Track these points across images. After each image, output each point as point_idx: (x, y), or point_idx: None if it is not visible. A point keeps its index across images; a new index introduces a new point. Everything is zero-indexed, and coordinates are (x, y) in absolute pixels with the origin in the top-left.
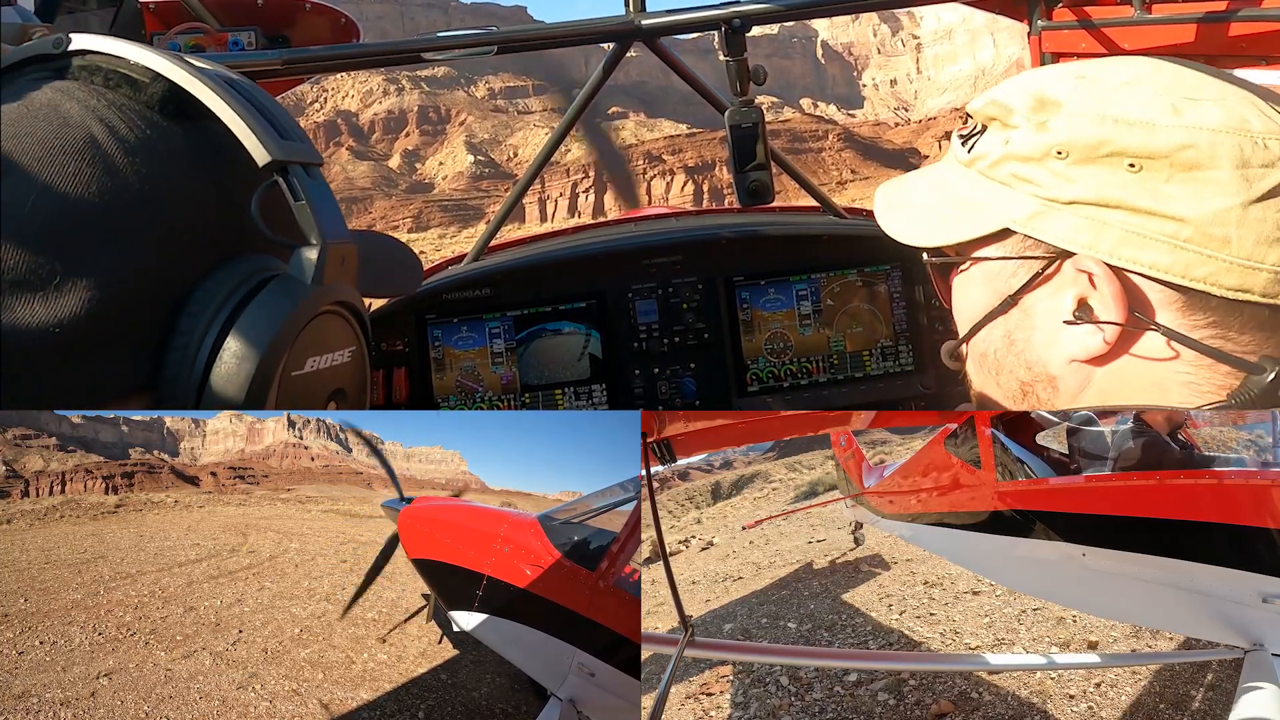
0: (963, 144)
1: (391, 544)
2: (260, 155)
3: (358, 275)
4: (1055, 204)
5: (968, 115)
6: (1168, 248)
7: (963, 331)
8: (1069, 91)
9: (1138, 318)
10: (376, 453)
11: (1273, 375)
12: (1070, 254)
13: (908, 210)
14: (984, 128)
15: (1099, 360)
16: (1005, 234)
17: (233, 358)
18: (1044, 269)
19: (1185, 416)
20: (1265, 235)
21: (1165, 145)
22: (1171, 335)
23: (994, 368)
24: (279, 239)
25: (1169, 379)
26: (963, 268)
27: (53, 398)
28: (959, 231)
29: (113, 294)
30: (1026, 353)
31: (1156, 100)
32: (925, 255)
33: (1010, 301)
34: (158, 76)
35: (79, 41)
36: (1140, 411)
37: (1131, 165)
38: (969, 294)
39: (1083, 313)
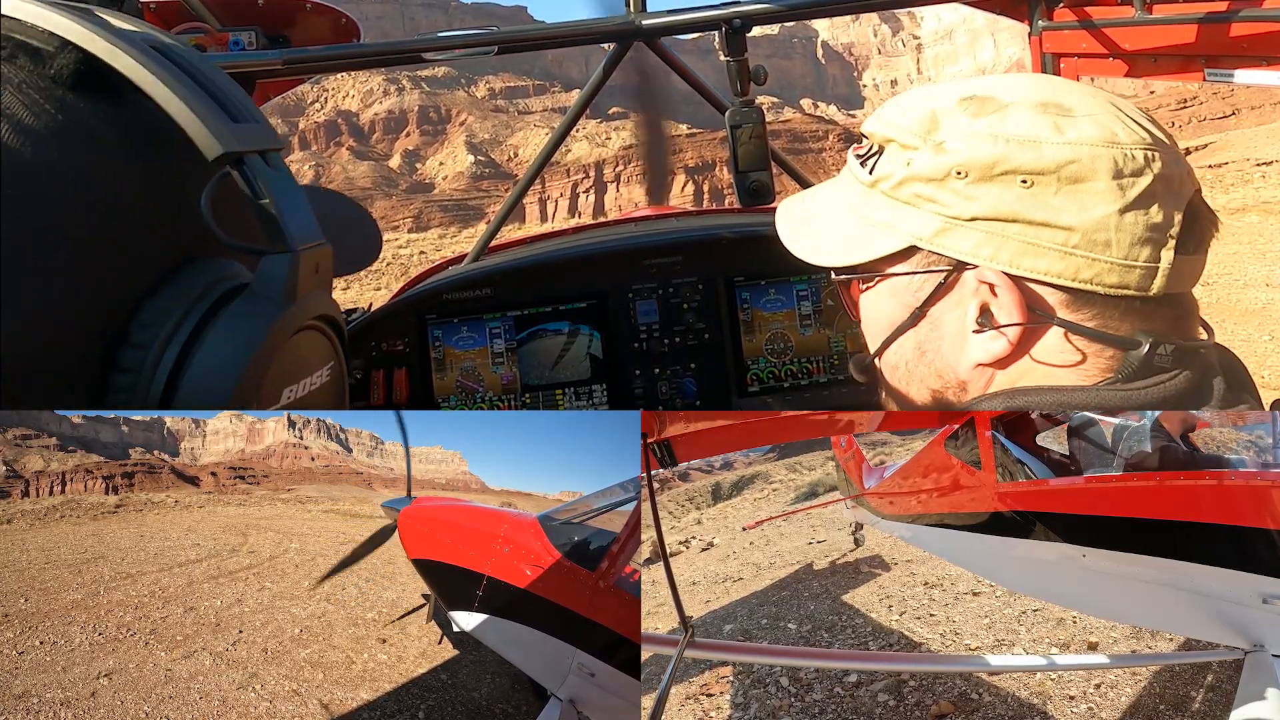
0: (861, 165)
1: (382, 534)
2: (209, 147)
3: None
4: (958, 221)
5: (863, 135)
6: (1059, 255)
7: (873, 346)
8: (959, 113)
9: (1037, 315)
10: (405, 444)
11: (1147, 346)
12: (971, 267)
13: (814, 232)
14: (881, 149)
15: (1002, 363)
16: (911, 251)
17: (192, 393)
18: (946, 279)
19: (1196, 420)
20: (1137, 236)
21: (1052, 162)
22: (1068, 326)
23: (905, 379)
24: (237, 244)
25: (1062, 372)
26: (869, 284)
27: None
28: (868, 251)
29: (37, 315)
30: (936, 361)
31: (1040, 119)
32: (833, 273)
33: (919, 314)
34: (67, 44)
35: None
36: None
37: (1024, 181)
38: (878, 309)
39: (985, 320)
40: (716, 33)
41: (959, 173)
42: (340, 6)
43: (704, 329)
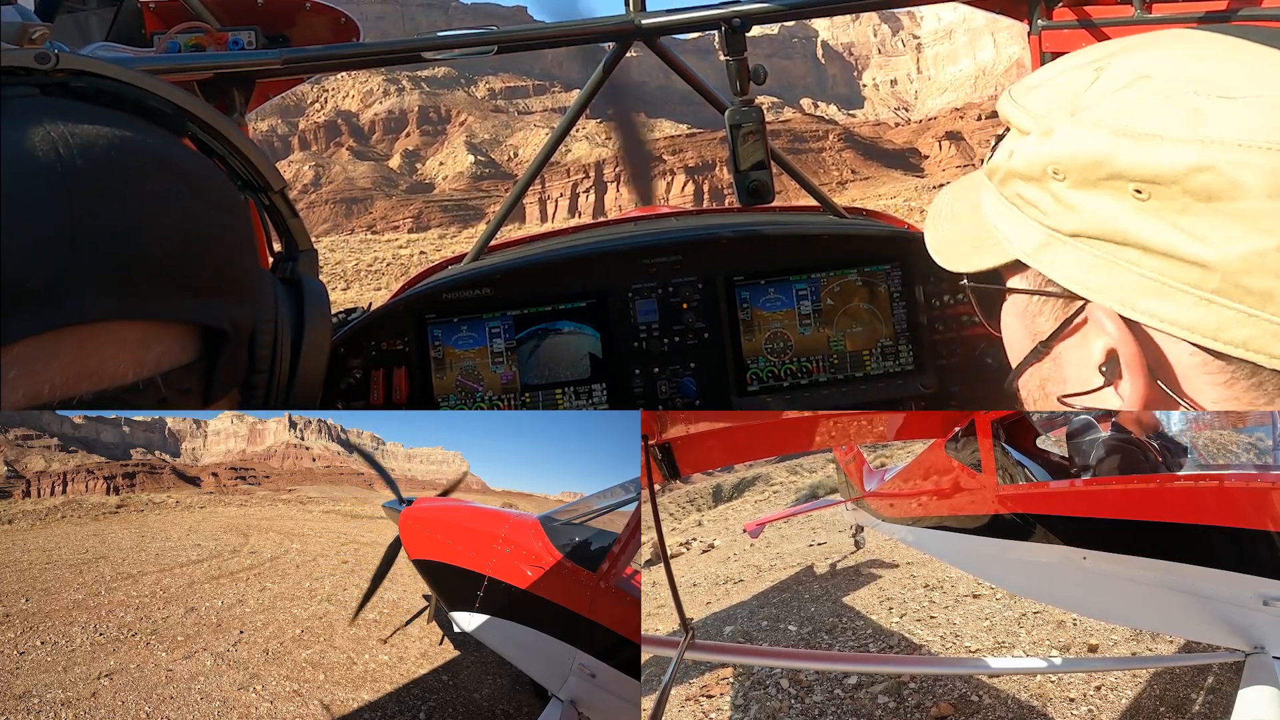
0: (992, 148)
1: (394, 548)
2: (276, 178)
3: None
4: (1059, 235)
5: None
6: (1194, 301)
7: (1012, 365)
8: (1084, 87)
9: (1163, 390)
10: (366, 456)
11: None
12: (1078, 297)
13: (941, 226)
14: (1006, 130)
15: None
16: (1022, 265)
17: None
18: (1073, 315)
19: (1157, 420)
20: None
21: (1171, 167)
22: (1191, 404)
23: (1040, 409)
24: (282, 252)
25: None
26: (1000, 297)
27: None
28: (979, 259)
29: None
30: (1059, 408)
31: (1174, 101)
32: (965, 280)
33: (1041, 350)
34: (177, 108)
35: (75, 61)
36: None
37: (1138, 191)
38: (1008, 327)
39: (1110, 367)
40: (716, 32)
41: (1055, 171)
42: (340, 6)
43: (703, 328)
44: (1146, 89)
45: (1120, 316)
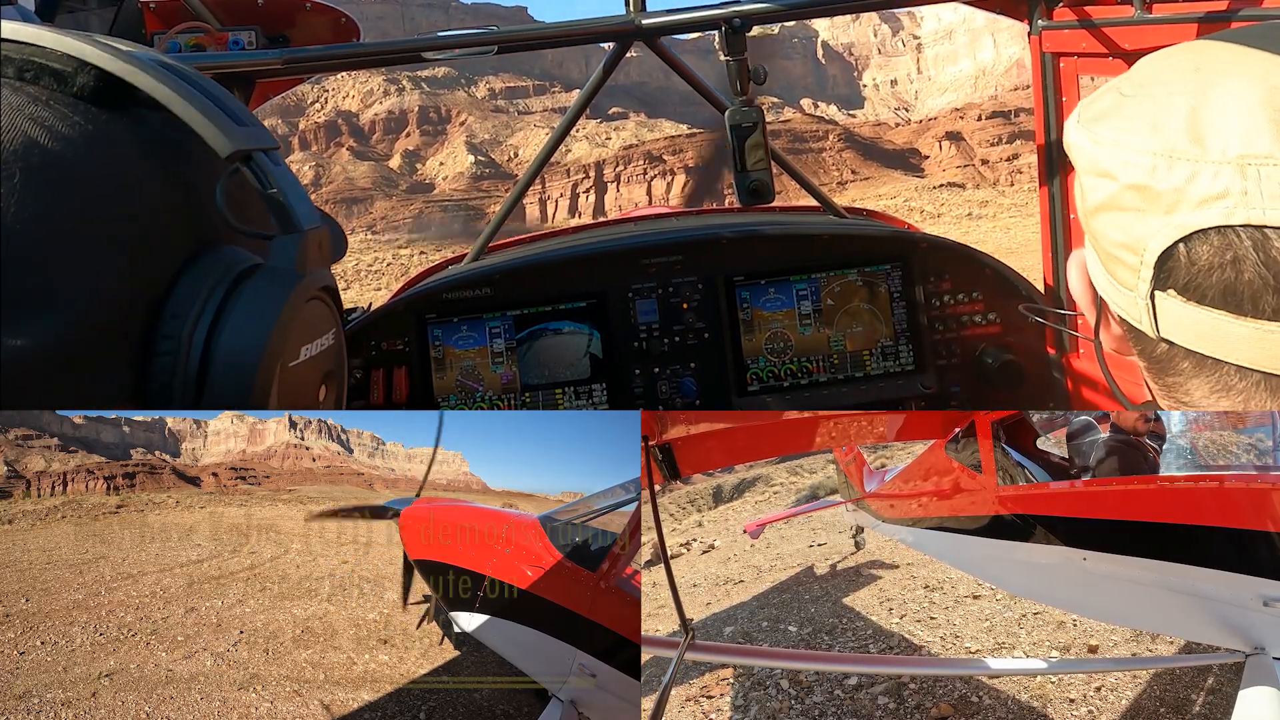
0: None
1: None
2: (222, 145)
3: None
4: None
5: None
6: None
7: None
8: (1109, 108)
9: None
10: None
11: None
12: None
13: None
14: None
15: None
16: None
17: (229, 356)
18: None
19: (1154, 417)
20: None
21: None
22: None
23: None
24: (247, 230)
25: None
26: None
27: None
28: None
29: (90, 307)
30: None
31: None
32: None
33: None
34: (83, 65)
35: None
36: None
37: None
38: None
39: None
40: (716, 32)
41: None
42: (340, 6)
43: (703, 328)
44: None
45: None
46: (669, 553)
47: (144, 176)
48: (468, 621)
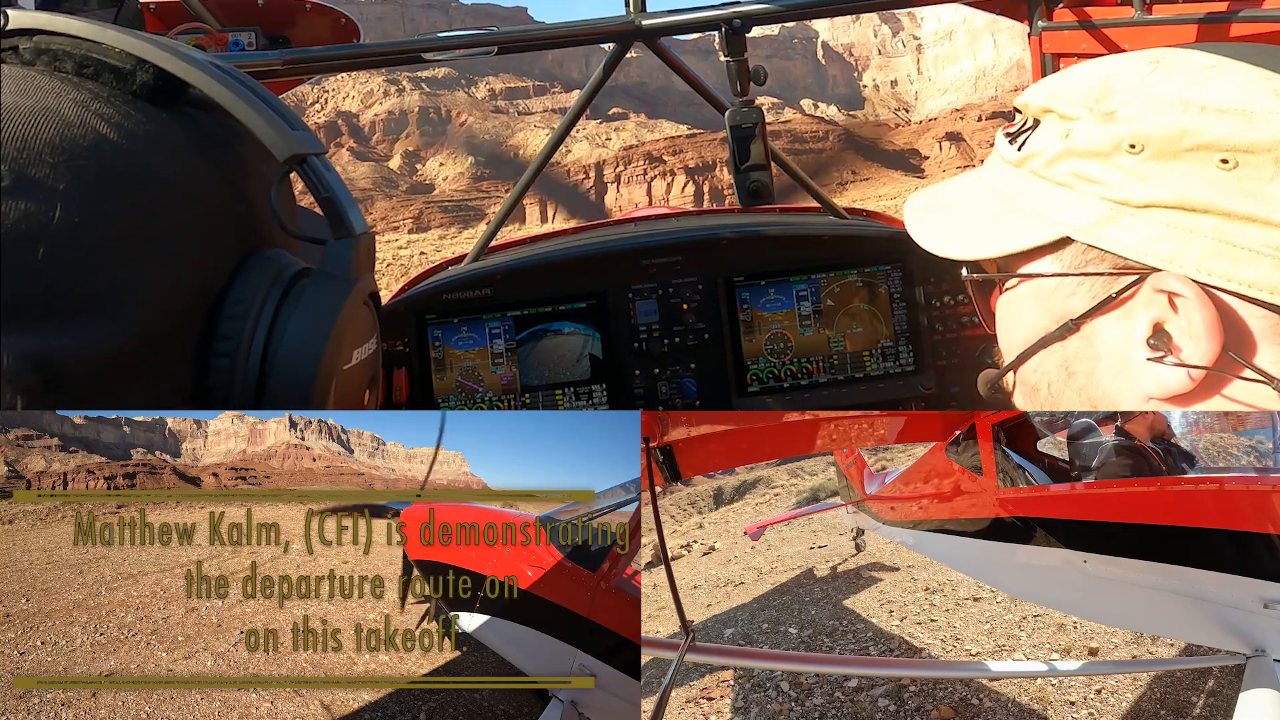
0: (1010, 142)
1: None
2: (280, 148)
3: None
4: (1127, 208)
5: (1016, 110)
6: (1273, 262)
7: (1008, 358)
8: (1142, 76)
9: (1232, 358)
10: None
11: None
12: (1145, 270)
13: (943, 217)
14: (1036, 122)
15: (1182, 399)
16: (1063, 244)
17: (290, 358)
18: (1120, 291)
19: (1166, 423)
20: None
21: (1268, 137)
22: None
23: (1047, 403)
24: (301, 234)
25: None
26: (1009, 285)
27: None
28: (1006, 242)
29: (156, 307)
30: (1089, 388)
31: (1254, 85)
32: (964, 271)
33: (1070, 327)
34: (142, 63)
35: (23, 19)
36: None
37: (1224, 161)
38: (1017, 316)
39: (1160, 341)
40: (716, 33)
41: (1132, 145)
42: (340, 7)
43: (704, 329)
44: (1222, 75)
45: (1194, 282)
46: (670, 554)
47: (201, 176)
48: (468, 621)
